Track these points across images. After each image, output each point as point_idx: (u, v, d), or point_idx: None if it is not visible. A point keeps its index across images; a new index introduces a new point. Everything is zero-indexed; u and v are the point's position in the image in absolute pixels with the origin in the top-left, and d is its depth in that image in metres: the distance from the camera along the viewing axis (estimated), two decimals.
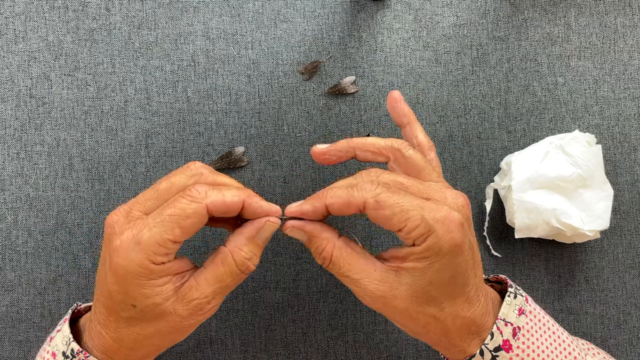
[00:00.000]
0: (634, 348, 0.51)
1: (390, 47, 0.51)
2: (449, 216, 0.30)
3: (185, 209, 0.30)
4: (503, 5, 0.52)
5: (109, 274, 0.30)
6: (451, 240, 0.30)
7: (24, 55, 0.48)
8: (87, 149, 0.48)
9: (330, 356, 0.49)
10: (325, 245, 0.33)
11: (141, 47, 0.49)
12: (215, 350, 0.48)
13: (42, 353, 0.35)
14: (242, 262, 0.32)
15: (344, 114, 0.50)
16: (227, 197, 0.31)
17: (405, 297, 0.31)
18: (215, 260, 0.32)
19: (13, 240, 0.48)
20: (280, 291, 0.49)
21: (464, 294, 0.32)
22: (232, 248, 0.32)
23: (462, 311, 0.32)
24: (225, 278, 0.32)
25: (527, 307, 0.35)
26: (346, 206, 0.31)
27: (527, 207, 0.46)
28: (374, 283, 0.31)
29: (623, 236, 0.51)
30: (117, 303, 0.30)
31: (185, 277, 0.32)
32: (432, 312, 0.32)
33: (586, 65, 0.52)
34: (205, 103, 0.49)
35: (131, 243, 0.29)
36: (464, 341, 0.33)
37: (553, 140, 0.48)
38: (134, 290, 0.30)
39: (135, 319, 0.31)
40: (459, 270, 0.31)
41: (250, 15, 0.50)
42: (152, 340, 0.32)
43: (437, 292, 0.31)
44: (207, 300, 0.31)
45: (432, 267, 0.30)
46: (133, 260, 0.29)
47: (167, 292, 0.30)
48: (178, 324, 0.31)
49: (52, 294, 0.48)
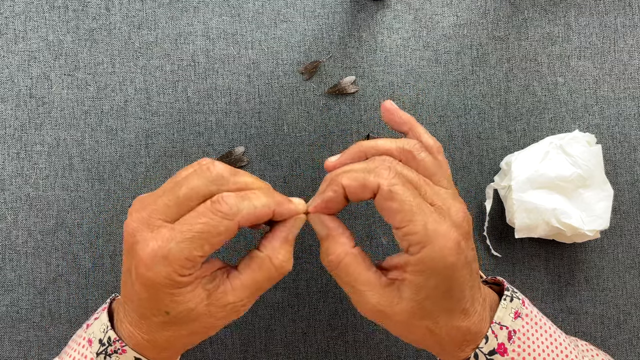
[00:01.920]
0: (634, 348, 0.51)
1: (390, 47, 0.51)
2: (447, 234, 0.30)
3: (217, 226, 0.28)
4: (503, 5, 0.52)
5: (137, 284, 0.30)
6: (445, 260, 0.30)
7: (24, 55, 0.48)
8: (87, 149, 0.48)
9: (330, 356, 0.49)
10: (337, 249, 0.32)
11: (141, 47, 0.49)
12: (215, 350, 0.48)
13: (77, 339, 0.35)
14: (280, 265, 0.31)
15: (344, 114, 0.50)
16: (257, 210, 0.30)
17: (403, 312, 0.31)
18: (251, 265, 0.31)
19: (13, 240, 0.48)
20: (280, 291, 0.49)
21: (459, 307, 0.32)
22: (269, 253, 0.31)
23: (457, 322, 0.32)
24: (262, 282, 0.31)
25: (523, 310, 0.35)
26: (361, 189, 0.31)
27: (527, 207, 0.46)
28: (375, 297, 0.31)
29: (623, 236, 0.51)
30: (148, 310, 0.30)
31: (216, 278, 0.31)
32: (427, 324, 0.32)
33: (586, 65, 0.52)
34: (205, 103, 0.49)
35: (158, 257, 0.28)
36: (459, 348, 0.33)
37: (553, 140, 0.48)
38: (166, 299, 0.29)
39: (169, 323, 0.30)
40: (454, 286, 0.31)
41: (250, 15, 0.50)
42: (185, 340, 0.32)
43: (433, 307, 0.31)
44: (242, 303, 0.31)
45: (427, 283, 0.30)
46: (160, 273, 0.28)
47: (199, 296, 0.30)
48: (211, 324, 0.31)
49: (52, 294, 0.48)
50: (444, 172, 0.34)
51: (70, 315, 0.48)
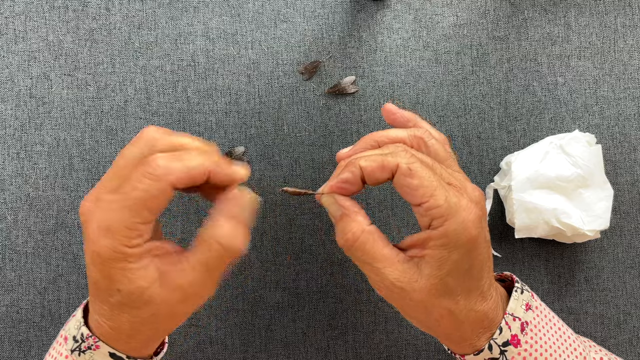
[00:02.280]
0: (634, 348, 0.51)
1: (390, 47, 0.51)
2: (469, 208, 0.30)
3: (149, 190, 0.28)
4: (503, 5, 0.52)
5: (90, 263, 0.29)
6: (468, 232, 0.30)
7: (24, 55, 0.48)
8: (87, 149, 0.48)
9: (330, 356, 0.49)
10: (354, 228, 0.32)
11: (141, 47, 0.49)
12: (215, 350, 0.48)
13: (58, 338, 0.35)
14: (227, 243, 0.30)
15: (344, 114, 0.50)
16: (191, 170, 0.29)
17: (423, 289, 0.31)
18: (197, 246, 0.30)
19: (13, 240, 0.48)
20: (280, 291, 0.49)
21: (478, 287, 0.32)
22: (211, 231, 0.30)
23: (475, 305, 0.32)
24: (212, 263, 0.30)
25: (533, 302, 0.35)
26: (380, 169, 0.31)
27: (527, 207, 0.46)
28: (395, 273, 0.31)
29: (623, 236, 0.51)
30: (103, 290, 0.30)
31: (170, 260, 0.30)
32: (447, 304, 0.31)
33: (586, 65, 0.52)
34: (205, 103, 0.49)
35: (102, 230, 0.28)
36: (475, 335, 0.33)
37: (553, 140, 0.48)
38: (116, 274, 0.29)
39: (124, 304, 0.30)
40: (475, 263, 0.31)
41: (250, 15, 0.50)
42: (149, 326, 0.31)
43: (455, 284, 0.31)
44: (194, 288, 0.30)
45: (450, 257, 0.30)
46: (106, 246, 0.28)
47: (150, 275, 0.29)
48: (171, 310, 0.30)
49: (52, 294, 0.48)
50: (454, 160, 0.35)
51: (70, 315, 0.48)
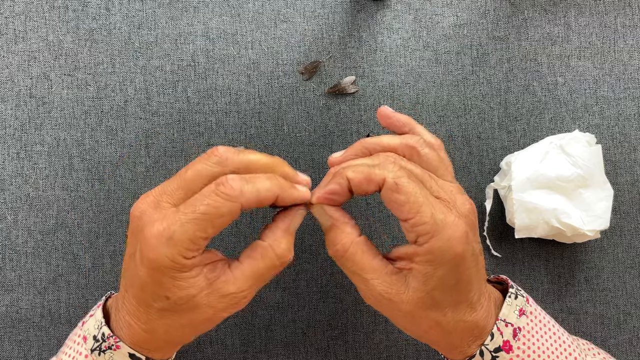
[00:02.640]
0: (634, 348, 0.51)
1: (390, 47, 0.51)
2: (455, 224, 0.30)
3: (220, 207, 0.29)
4: (503, 5, 0.52)
5: (141, 266, 0.30)
6: (453, 250, 0.30)
7: (24, 55, 0.48)
8: (87, 149, 0.48)
9: (330, 356, 0.49)
10: (343, 239, 0.32)
11: (141, 47, 0.49)
12: (215, 350, 0.48)
13: (73, 337, 0.35)
14: (282, 254, 0.31)
15: (344, 114, 0.50)
16: (261, 194, 0.30)
17: (410, 301, 0.31)
18: (253, 255, 0.31)
19: (13, 240, 0.48)
20: (280, 291, 0.49)
21: (467, 299, 0.32)
22: (271, 242, 0.32)
23: (464, 316, 0.32)
24: (264, 272, 0.31)
25: (527, 307, 0.35)
26: (366, 182, 0.31)
27: (527, 207, 0.46)
28: (383, 285, 0.31)
29: (623, 236, 0.51)
30: (149, 294, 0.30)
31: (217, 269, 0.31)
32: (434, 316, 0.32)
33: (586, 65, 0.52)
34: (205, 103, 0.49)
35: (163, 238, 0.29)
36: (465, 343, 0.33)
37: (553, 140, 0.48)
38: (167, 282, 0.29)
39: (168, 310, 0.30)
40: (462, 278, 0.31)
41: (250, 15, 0.50)
42: (183, 331, 0.32)
43: (441, 298, 0.31)
44: (243, 294, 0.31)
45: (435, 273, 0.30)
46: (165, 254, 0.29)
47: (200, 283, 0.30)
48: (212, 316, 0.31)
49: (52, 294, 0.48)
50: (447, 168, 0.35)
51: (70, 315, 0.48)
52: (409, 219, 0.30)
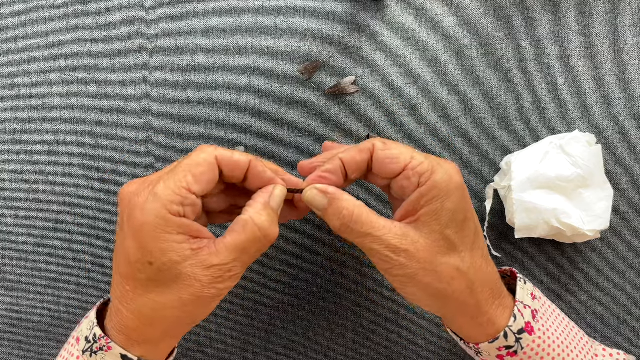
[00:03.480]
0: (634, 348, 0.51)
1: (390, 47, 0.51)
2: (448, 161, 0.33)
3: (195, 158, 0.31)
4: (503, 5, 0.52)
5: (128, 233, 0.31)
6: (456, 179, 0.32)
7: (24, 55, 0.48)
8: (87, 149, 0.48)
9: (330, 356, 0.49)
10: (346, 205, 0.33)
11: (141, 47, 0.49)
12: (215, 350, 0.48)
13: (69, 339, 0.35)
14: (263, 226, 0.32)
15: (344, 114, 0.50)
16: (235, 154, 0.32)
17: (427, 247, 0.32)
18: (236, 228, 0.32)
19: (13, 240, 0.48)
20: (280, 291, 0.49)
21: (479, 247, 0.33)
22: (251, 214, 0.32)
23: (482, 266, 0.33)
24: (247, 245, 0.31)
25: (536, 293, 0.36)
26: (359, 153, 0.33)
27: (527, 207, 0.46)
28: (396, 237, 0.32)
29: (623, 236, 0.51)
30: (134, 264, 0.30)
31: (203, 243, 0.31)
32: (454, 262, 0.32)
33: (586, 65, 0.52)
34: (205, 103, 0.49)
35: (149, 197, 0.30)
36: (490, 306, 0.33)
37: (553, 140, 0.48)
38: (151, 244, 0.30)
39: (153, 280, 0.30)
40: (469, 215, 0.33)
41: (250, 15, 0.50)
42: (171, 311, 0.31)
43: (456, 237, 0.32)
44: (227, 267, 0.31)
45: (444, 206, 0.31)
46: (150, 210, 0.29)
47: (184, 251, 0.30)
48: (198, 292, 0.31)
49: (52, 294, 0.48)
50: None
51: (70, 315, 0.48)
52: (407, 165, 0.32)
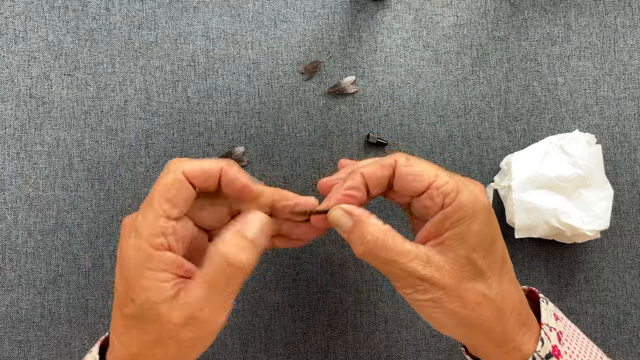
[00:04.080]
0: (634, 348, 0.51)
1: (390, 47, 0.51)
2: (473, 182, 0.32)
3: (165, 182, 0.30)
4: (503, 5, 0.52)
5: (117, 265, 0.31)
6: (481, 200, 0.31)
7: (24, 55, 0.48)
8: (87, 149, 0.48)
9: (330, 356, 0.49)
10: (372, 230, 0.31)
11: (141, 47, 0.49)
12: (215, 350, 0.48)
13: None
14: (228, 255, 0.29)
15: (344, 114, 0.50)
16: (204, 164, 0.31)
17: (452, 272, 0.30)
18: (204, 261, 0.30)
19: (13, 240, 0.48)
20: (280, 291, 0.49)
21: (507, 271, 0.32)
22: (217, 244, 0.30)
23: (510, 291, 0.31)
24: (216, 279, 0.29)
25: (558, 313, 0.34)
26: (380, 168, 0.32)
27: (527, 207, 0.46)
28: (421, 264, 0.30)
29: (623, 236, 0.51)
30: (120, 298, 0.30)
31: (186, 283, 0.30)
32: (481, 289, 0.30)
33: (586, 65, 0.52)
34: (205, 103, 0.49)
35: (132, 232, 0.30)
36: (517, 333, 0.31)
37: (553, 140, 0.48)
38: (133, 281, 0.29)
39: (135, 317, 0.29)
40: (496, 238, 0.31)
41: (250, 15, 0.50)
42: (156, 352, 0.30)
43: (483, 262, 0.30)
44: (199, 306, 0.29)
45: (471, 228, 0.30)
46: (133, 246, 0.29)
47: (165, 290, 0.28)
48: (174, 334, 0.29)
49: (52, 294, 0.48)
50: None
51: (70, 315, 0.48)
52: (431, 184, 0.31)
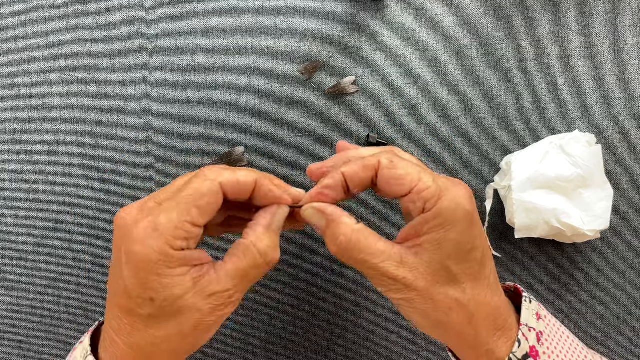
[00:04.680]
0: (634, 348, 0.51)
1: (390, 47, 0.51)
2: (458, 185, 0.31)
3: (199, 188, 0.29)
4: (503, 5, 0.52)
5: (126, 267, 0.29)
6: (463, 207, 0.30)
7: (24, 55, 0.48)
8: (87, 149, 0.48)
9: (330, 356, 0.49)
10: (343, 229, 0.31)
11: (141, 47, 0.49)
12: (215, 350, 0.48)
13: None
14: (265, 252, 0.31)
15: (344, 114, 0.50)
16: (240, 176, 0.30)
17: (425, 276, 0.30)
18: (236, 253, 0.31)
19: (13, 240, 0.48)
20: (280, 291, 0.49)
21: (484, 277, 0.31)
22: (253, 240, 0.31)
23: (485, 297, 0.31)
24: (248, 271, 0.30)
25: (541, 312, 0.34)
26: (363, 170, 0.31)
27: (527, 207, 0.46)
28: (394, 265, 0.30)
29: (623, 236, 0.51)
30: (134, 299, 0.29)
31: (204, 269, 0.30)
32: (453, 294, 0.30)
33: (586, 65, 0.52)
34: (205, 103, 0.49)
35: (149, 230, 0.28)
36: (491, 337, 0.31)
37: (553, 140, 0.48)
38: (153, 281, 0.28)
39: (154, 316, 0.29)
40: (476, 244, 0.31)
41: (250, 15, 0.50)
42: (170, 344, 0.30)
43: (457, 269, 0.30)
44: (228, 294, 0.30)
45: (448, 236, 0.30)
46: (152, 247, 0.28)
47: (186, 283, 0.29)
48: (199, 322, 0.29)
49: (52, 294, 0.48)
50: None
51: (70, 315, 0.48)
52: (413, 188, 0.30)
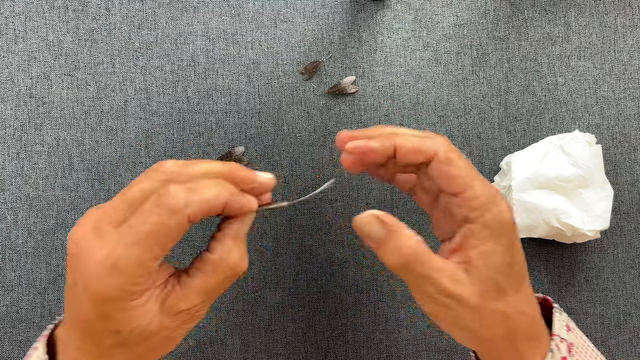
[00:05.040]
0: (634, 348, 0.51)
1: (390, 47, 0.51)
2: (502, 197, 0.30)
3: (165, 223, 0.26)
4: (503, 5, 0.52)
5: (85, 299, 0.26)
6: (508, 221, 0.30)
7: (24, 55, 0.48)
8: (87, 149, 0.48)
9: (330, 356, 0.49)
10: (409, 242, 0.29)
11: (141, 47, 0.49)
12: (215, 350, 0.48)
13: None
14: (235, 265, 0.29)
15: (344, 114, 0.50)
16: (210, 202, 0.27)
17: (478, 293, 0.29)
18: (203, 269, 0.29)
19: (13, 240, 0.48)
20: (280, 291, 0.49)
21: (524, 284, 0.31)
22: (222, 254, 0.29)
23: (526, 307, 0.31)
24: (217, 286, 0.29)
25: (571, 324, 0.34)
26: (416, 152, 0.30)
27: (527, 207, 0.46)
28: (450, 282, 0.29)
29: (623, 236, 0.51)
30: (99, 331, 0.27)
31: (169, 286, 0.29)
32: (500, 307, 0.30)
33: (586, 65, 0.52)
34: (205, 103, 0.49)
35: (106, 266, 0.25)
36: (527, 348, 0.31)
37: (553, 140, 0.48)
38: (117, 315, 0.26)
39: (120, 345, 0.27)
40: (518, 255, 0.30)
41: (250, 15, 0.50)
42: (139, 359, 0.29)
43: (505, 282, 0.29)
44: (196, 309, 0.29)
45: (496, 249, 0.29)
46: (111, 285, 0.25)
47: (152, 309, 0.27)
48: (167, 337, 0.29)
49: (52, 294, 0.48)
50: None
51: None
52: (460, 193, 0.29)
